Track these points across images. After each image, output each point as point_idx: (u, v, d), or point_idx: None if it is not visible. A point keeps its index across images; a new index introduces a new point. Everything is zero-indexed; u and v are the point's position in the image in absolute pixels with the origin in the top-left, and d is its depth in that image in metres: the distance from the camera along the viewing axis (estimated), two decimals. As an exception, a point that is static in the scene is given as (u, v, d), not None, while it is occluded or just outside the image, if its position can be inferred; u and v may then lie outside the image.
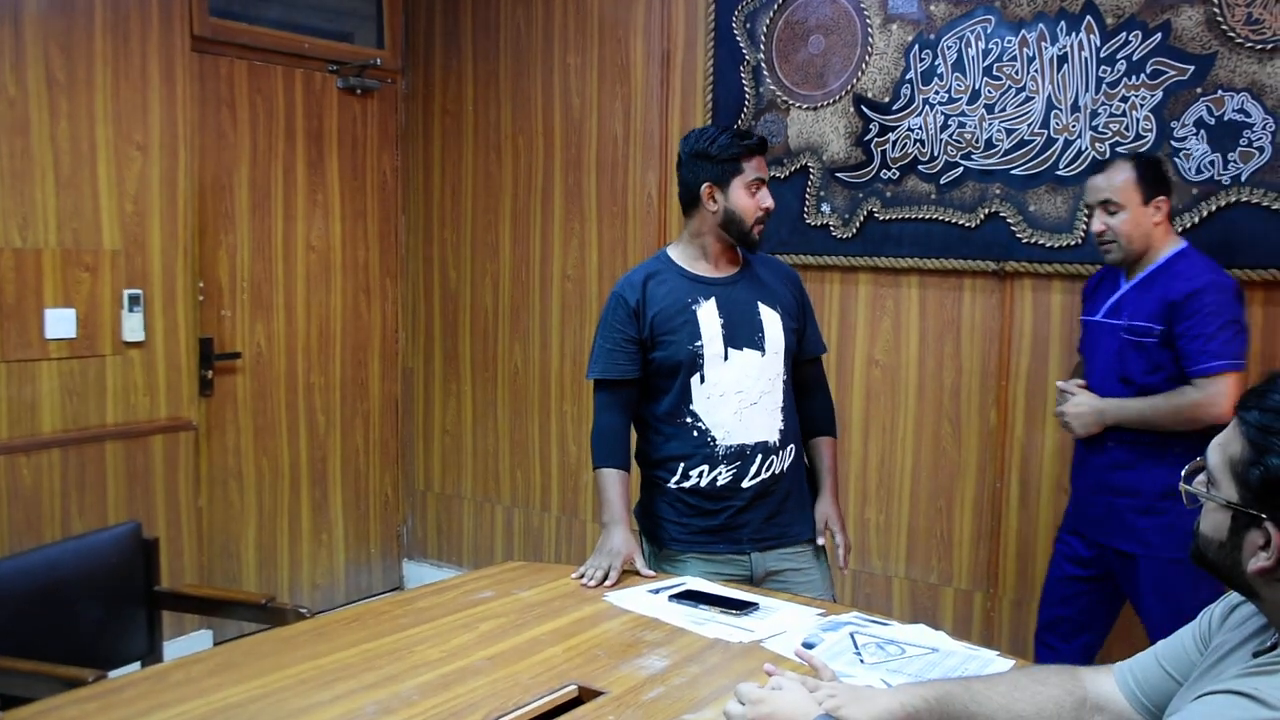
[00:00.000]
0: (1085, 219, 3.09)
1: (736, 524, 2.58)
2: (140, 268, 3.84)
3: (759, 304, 2.61)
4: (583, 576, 2.48)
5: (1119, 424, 2.75)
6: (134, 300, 3.81)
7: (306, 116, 4.46)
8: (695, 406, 2.56)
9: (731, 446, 2.56)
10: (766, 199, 2.58)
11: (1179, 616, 1.88)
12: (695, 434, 2.57)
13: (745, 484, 2.57)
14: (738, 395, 2.55)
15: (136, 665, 2.69)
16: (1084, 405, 2.82)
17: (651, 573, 2.53)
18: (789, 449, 2.64)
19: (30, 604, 2.52)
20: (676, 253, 2.66)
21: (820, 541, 2.68)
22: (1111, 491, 2.80)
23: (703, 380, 2.55)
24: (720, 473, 2.56)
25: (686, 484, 2.58)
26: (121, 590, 2.72)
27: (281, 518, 4.48)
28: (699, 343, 2.54)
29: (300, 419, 4.52)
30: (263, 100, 4.30)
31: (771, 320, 2.60)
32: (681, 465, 2.58)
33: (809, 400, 2.75)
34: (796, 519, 2.66)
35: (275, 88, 4.34)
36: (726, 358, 2.55)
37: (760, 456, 2.57)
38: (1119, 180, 2.75)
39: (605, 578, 2.46)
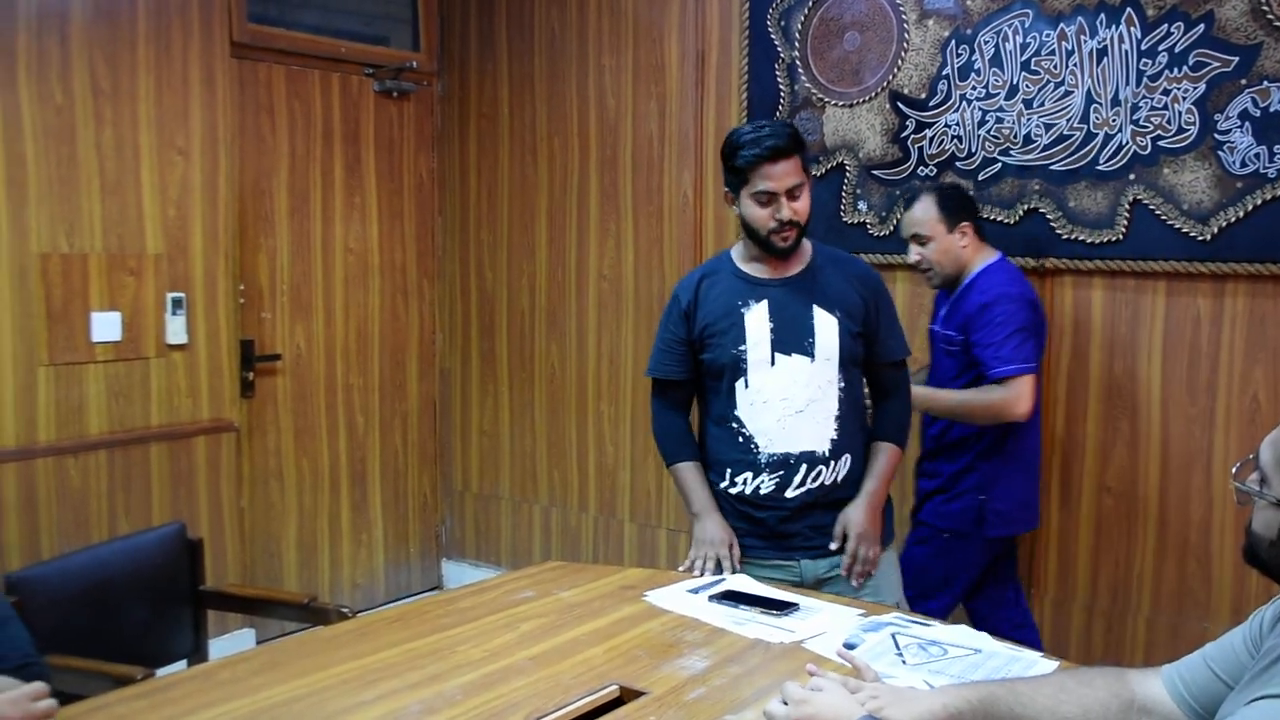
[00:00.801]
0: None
1: (784, 531, 2.52)
2: (183, 271, 3.88)
3: (814, 307, 2.49)
4: (691, 568, 2.49)
5: (930, 411, 3.06)
6: (177, 303, 3.85)
7: (344, 120, 4.49)
8: (739, 412, 2.51)
9: (775, 455, 2.49)
10: (782, 211, 2.42)
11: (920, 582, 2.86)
12: (740, 439, 2.52)
13: (789, 494, 2.49)
14: (782, 402, 2.47)
15: (183, 663, 2.73)
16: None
17: (734, 570, 2.51)
18: (844, 459, 2.52)
19: (80, 604, 2.56)
20: (736, 252, 2.61)
21: (832, 546, 2.51)
22: (915, 475, 3.20)
23: (746, 385, 2.49)
24: (763, 481, 2.50)
25: (733, 490, 2.54)
26: (167, 590, 2.76)
27: (322, 518, 4.51)
28: (743, 347, 2.48)
29: (340, 420, 4.55)
30: (300, 104, 4.33)
31: (826, 325, 2.49)
32: (729, 470, 2.54)
33: (881, 405, 2.64)
34: None
35: (313, 92, 4.37)
36: (773, 363, 2.47)
37: (805, 467, 2.49)
38: (922, 215, 3.06)
39: (718, 566, 2.48)
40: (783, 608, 2.26)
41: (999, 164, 3.38)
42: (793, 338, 2.48)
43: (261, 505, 4.28)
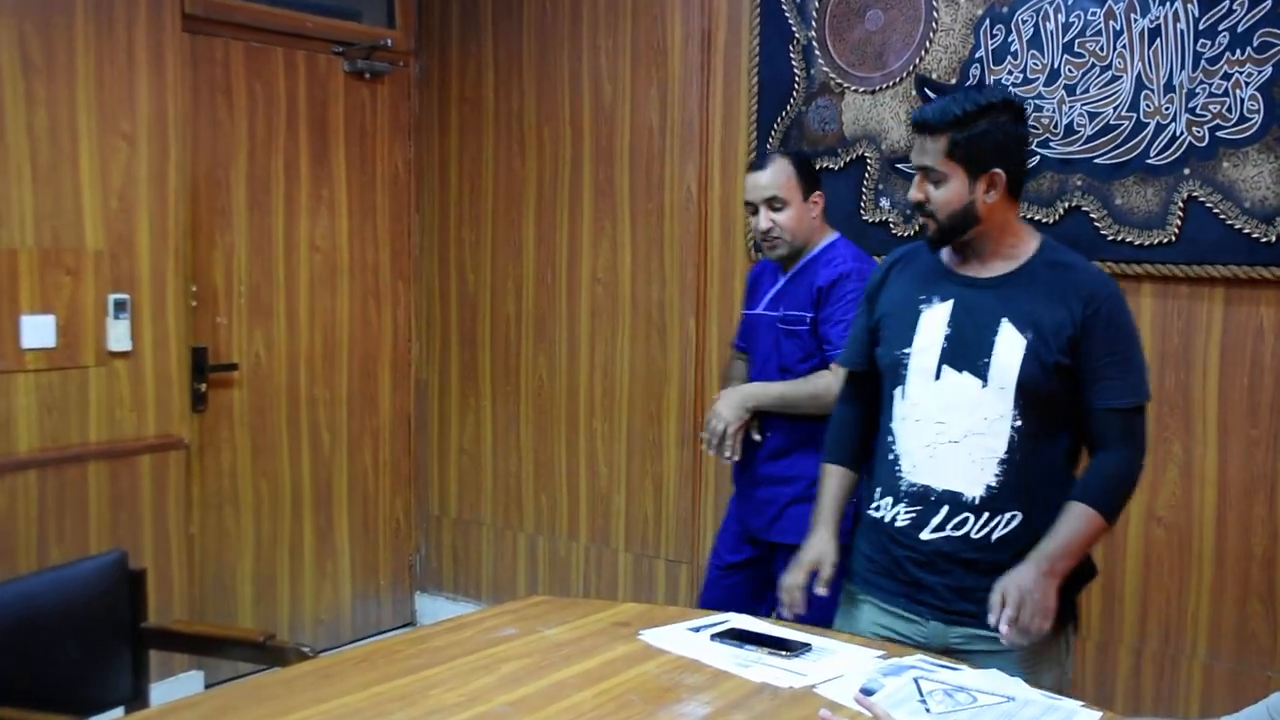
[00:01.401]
0: (751, 216, 3.18)
1: (917, 580, 2.34)
2: (127, 270, 3.86)
3: (1004, 321, 2.26)
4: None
5: (760, 407, 3.07)
6: (120, 306, 3.83)
7: (310, 104, 4.49)
8: (894, 425, 2.38)
9: (915, 485, 2.33)
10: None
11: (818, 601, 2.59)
12: (889, 458, 2.39)
13: (924, 535, 2.31)
14: (936, 426, 2.30)
15: (120, 711, 2.70)
16: (723, 398, 3.12)
17: (824, 592, 2.46)
18: (1006, 517, 2.27)
19: (3, 643, 2.52)
20: None
21: (990, 619, 2.19)
22: (771, 482, 3.12)
23: (904, 396, 2.36)
24: (900, 512, 2.35)
25: (874, 513, 2.42)
26: (104, 627, 2.72)
27: (282, 546, 4.49)
28: (907, 350, 2.34)
29: (303, 437, 4.54)
30: (261, 86, 4.32)
31: (1010, 346, 2.24)
32: (877, 490, 2.43)
33: (1093, 458, 2.31)
34: None
35: (275, 72, 4.37)
36: (938, 376, 2.31)
37: (947, 510, 2.29)
38: (783, 177, 3.08)
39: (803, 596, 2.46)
40: (793, 648, 2.24)
41: (1037, 157, 3.37)
42: (967, 352, 2.28)
43: (214, 532, 4.26)
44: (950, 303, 2.33)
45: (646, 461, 4.29)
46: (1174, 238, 3.19)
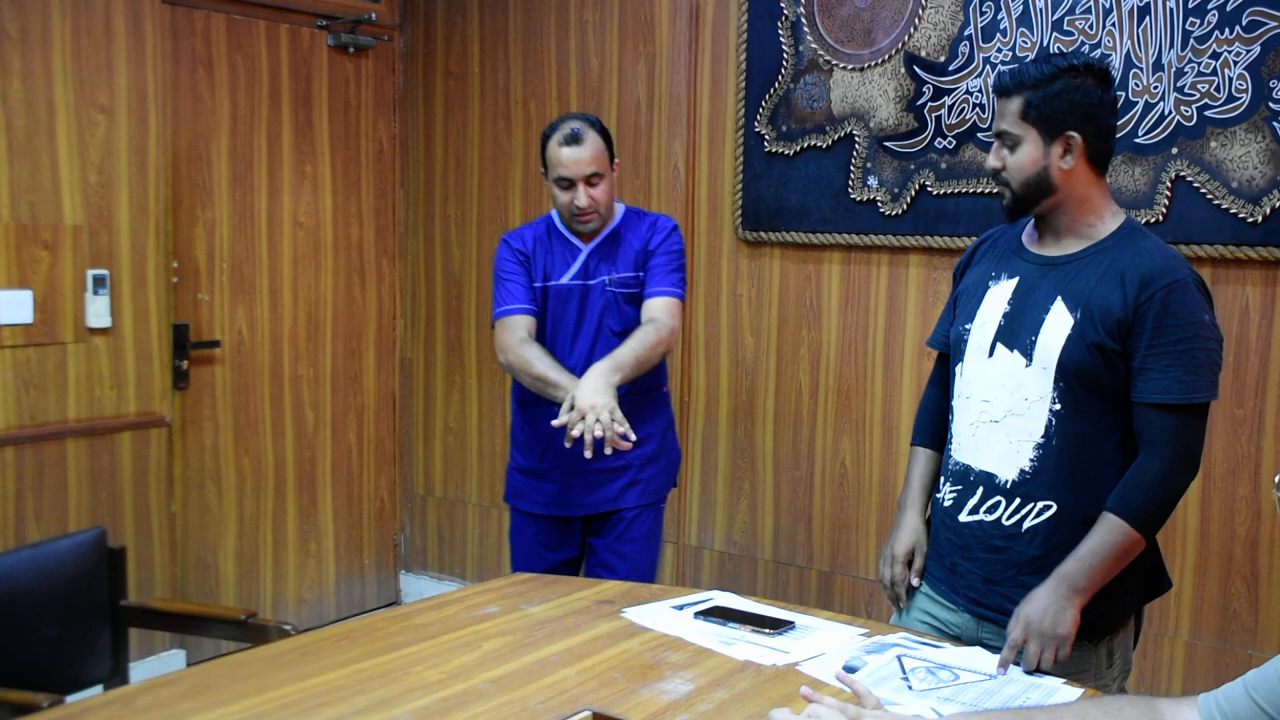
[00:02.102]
0: (563, 191, 3.12)
1: (954, 565, 2.31)
2: (106, 245, 3.85)
3: (1058, 300, 2.18)
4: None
5: (625, 380, 2.98)
6: (99, 281, 3.82)
7: (293, 77, 4.47)
8: (954, 402, 2.36)
9: (959, 464, 2.31)
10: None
11: (653, 553, 3.25)
12: (949, 435, 2.38)
13: (962, 517, 2.28)
14: (982, 404, 2.26)
15: (99, 689, 2.71)
16: (586, 387, 2.87)
17: (918, 583, 2.39)
18: (1039, 506, 2.18)
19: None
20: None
21: (1000, 659, 2.11)
22: (636, 447, 3.01)
23: (961, 373, 2.33)
24: (947, 492, 2.33)
25: (937, 493, 2.40)
26: (83, 605, 2.73)
27: (265, 525, 4.49)
28: (969, 325, 2.31)
29: (286, 415, 4.54)
30: (243, 59, 4.30)
31: (1057, 325, 2.16)
32: (943, 473, 2.39)
33: (1135, 461, 2.16)
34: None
35: (258, 44, 4.35)
36: (991, 353, 2.25)
37: (982, 491, 2.25)
38: (599, 150, 3.09)
39: (895, 594, 2.41)
40: (776, 626, 2.27)
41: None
42: (1020, 330, 2.22)
43: (196, 510, 4.26)
44: (1016, 280, 2.26)
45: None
46: (1161, 217, 3.20)
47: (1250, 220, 3.07)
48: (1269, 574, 3.14)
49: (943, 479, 2.36)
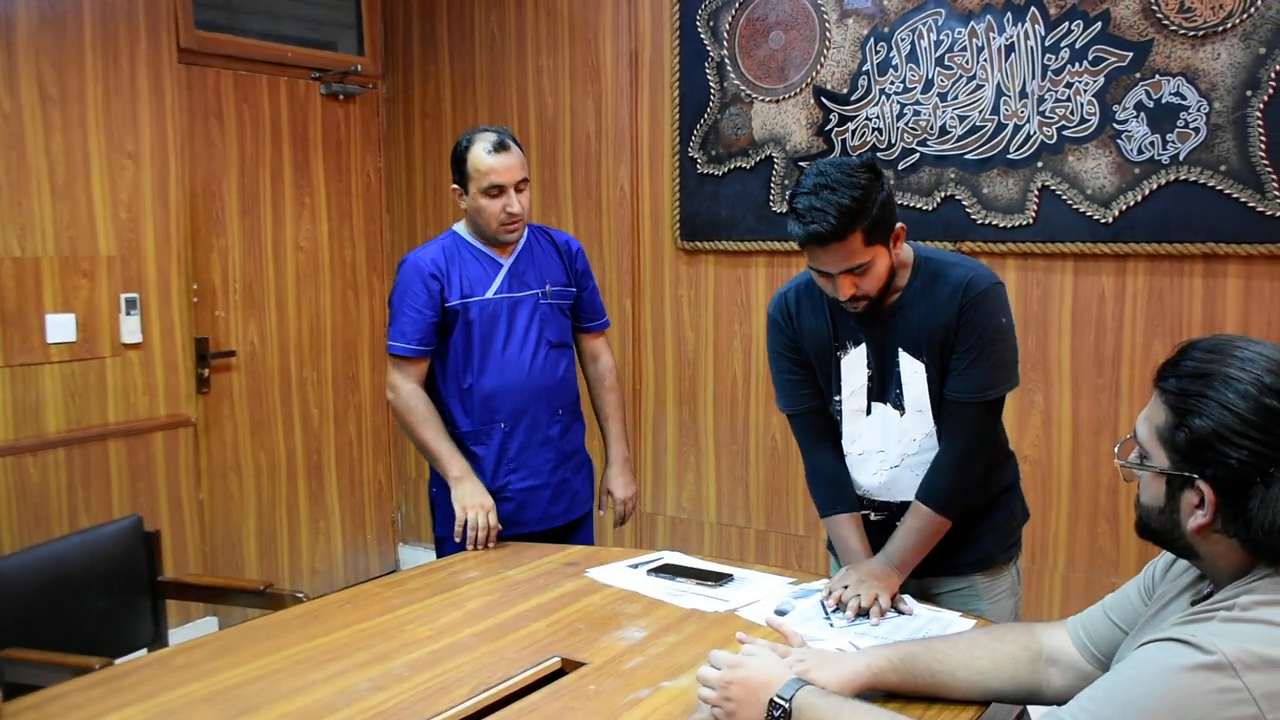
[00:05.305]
0: (493, 198, 2.65)
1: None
2: (136, 272, 3.81)
3: (900, 351, 2.11)
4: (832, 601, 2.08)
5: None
6: (131, 304, 3.78)
7: (291, 122, 4.43)
8: (848, 460, 2.23)
9: (879, 500, 2.24)
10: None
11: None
12: (858, 486, 2.26)
13: (897, 524, 2.18)
14: (878, 456, 2.19)
15: (143, 652, 2.69)
16: (466, 492, 2.65)
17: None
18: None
19: (39, 597, 2.51)
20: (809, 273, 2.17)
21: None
22: (569, 459, 2.83)
23: (846, 435, 2.22)
24: (870, 514, 2.26)
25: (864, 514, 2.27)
26: (126, 581, 2.71)
27: (280, 508, 4.47)
28: (838, 398, 2.20)
29: (295, 413, 4.51)
30: (249, 108, 4.27)
31: (912, 374, 2.10)
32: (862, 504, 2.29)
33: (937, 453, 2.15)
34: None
35: (261, 96, 4.31)
36: (869, 412, 2.18)
37: (907, 510, 2.17)
38: (522, 157, 2.67)
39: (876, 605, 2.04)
40: (718, 579, 2.28)
41: (917, 154, 3.41)
42: (886, 386, 2.12)
43: (221, 498, 4.23)
44: (862, 345, 2.12)
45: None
46: (1031, 220, 3.25)
47: (1103, 221, 3.12)
48: (1126, 515, 3.19)
49: (863, 510, 2.23)
